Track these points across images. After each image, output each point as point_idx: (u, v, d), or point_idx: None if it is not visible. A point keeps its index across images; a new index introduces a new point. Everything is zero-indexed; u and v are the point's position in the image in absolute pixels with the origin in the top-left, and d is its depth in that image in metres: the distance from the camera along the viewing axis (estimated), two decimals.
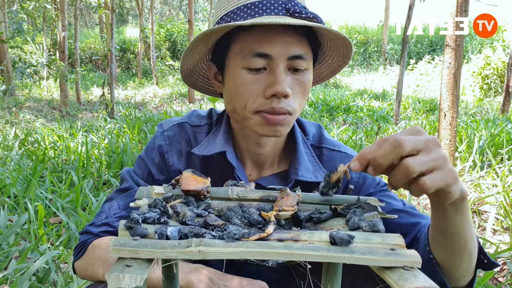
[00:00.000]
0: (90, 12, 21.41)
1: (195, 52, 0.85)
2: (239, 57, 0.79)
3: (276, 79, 0.76)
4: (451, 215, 0.64)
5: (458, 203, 0.62)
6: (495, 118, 5.82)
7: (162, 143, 0.93)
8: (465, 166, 3.35)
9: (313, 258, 0.48)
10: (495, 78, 9.85)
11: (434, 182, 0.54)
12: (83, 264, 0.88)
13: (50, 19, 11.63)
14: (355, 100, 8.47)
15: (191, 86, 0.98)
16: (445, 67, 3.36)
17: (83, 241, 0.88)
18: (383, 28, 16.19)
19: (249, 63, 0.77)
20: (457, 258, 0.71)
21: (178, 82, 12.78)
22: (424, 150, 0.54)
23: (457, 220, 0.65)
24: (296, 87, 0.80)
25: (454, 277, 0.74)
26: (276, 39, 0.76)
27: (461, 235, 0.67)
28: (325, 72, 0.96)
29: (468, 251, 0.70)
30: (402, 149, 0.54)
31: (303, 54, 0.79)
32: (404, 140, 0.54)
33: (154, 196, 0.65)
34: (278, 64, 0.77)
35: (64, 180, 2.86)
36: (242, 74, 0.79)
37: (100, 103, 8.27)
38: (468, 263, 0.72)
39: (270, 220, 0.59)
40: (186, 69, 0.91)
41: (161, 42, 16.59)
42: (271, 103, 0.77)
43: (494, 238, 2.28)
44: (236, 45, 0.80)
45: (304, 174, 0.88)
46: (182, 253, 0.47)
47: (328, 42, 0.86)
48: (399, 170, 0.54)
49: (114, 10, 6.73)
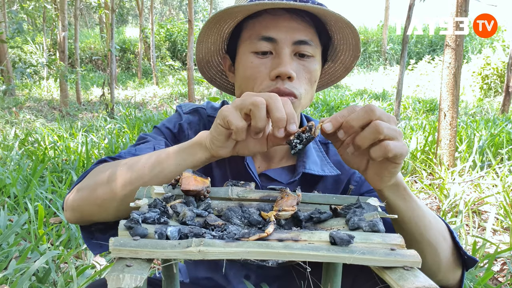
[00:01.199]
0: (90, 12, 21.42)
1: (209, 41, 0.89)
2: (247, 42, 0.83)
3: (280, 60, 0.80)
4: (393, 201, 0.69)
5: (396, 187, 0.68)
6: (495, 118, 5.82)
7: (182, 122, 0.95)
8: (465, 166, 3.35)
9: (313, 258, 0.48)
10: (495, 78, 9.84)
11: (395, 147, 0.60)
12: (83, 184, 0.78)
13: (50, 19, 11.63)
14: (355, 100, 8.47)
15: (209, 81, 1.02)
16: (445, 67, 3.36)
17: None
18: (383, 28, 16.17)
19: (256, 46, 0.82)
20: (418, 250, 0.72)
21: (178, 82, 12.79)
22: (389, 121, 0.61)
23: (401, 206, 0.69)
24: (301, 72, 0.83)
25: (426, 272, 0.75)
26: (282, 24, 0.81)
27: (411, 224, 0.70)
28: (339, 70, 0.98)
29: (428, 242, 0.72)
30: (374, 114, 0.60)
31: (308, 40, 0.82)
32: (375, 107, 0.61)
33: (154, 196, 0.65)
34: (283, 47, 0.81)
35: (64, 180, 2.86)
36: (249, 58, 0.83)
37: (100, 103, 8.27)
38: (433, 256, 0.73)
39: (270, 220, 0.59)
40: (201, 59, 0.94)
41: (161, 42, 16.59)
42: (276, 84, 0.80)
43: (494, 238, 2.28)
44: (246, 32, 0.85)
45: (312, 167, 0.89)
46: (182, 253, 0.47)
47: (338, 34, 0.88)
48: (369, 129, 0.60)
49: (114, 10, 6.74)
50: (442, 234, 0.75)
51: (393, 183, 0.67)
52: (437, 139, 3.53)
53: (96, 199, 0.75)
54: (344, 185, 0.94)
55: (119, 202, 0.73)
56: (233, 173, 0.90)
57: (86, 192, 0.77)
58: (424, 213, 0.72)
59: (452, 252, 0.77)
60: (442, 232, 0.75)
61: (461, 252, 0.78)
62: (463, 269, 0.80)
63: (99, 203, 0.75)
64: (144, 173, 0.72)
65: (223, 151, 0.70)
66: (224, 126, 0.66)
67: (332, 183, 0.93)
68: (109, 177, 0.74)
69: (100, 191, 0.74)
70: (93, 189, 0.76)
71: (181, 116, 0.96)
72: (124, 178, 0.72)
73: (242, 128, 0.64)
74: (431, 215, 0.74)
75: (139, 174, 0.72)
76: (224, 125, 0.66)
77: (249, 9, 0.80)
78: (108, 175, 0.75)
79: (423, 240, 0.72)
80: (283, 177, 0.90)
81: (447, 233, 0.77)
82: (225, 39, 0.91)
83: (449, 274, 0.78)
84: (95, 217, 0.78)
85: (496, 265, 1.96)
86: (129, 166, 0.74)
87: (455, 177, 3.19)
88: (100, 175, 0.76)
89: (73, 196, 0.79)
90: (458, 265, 0.79)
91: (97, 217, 0.78)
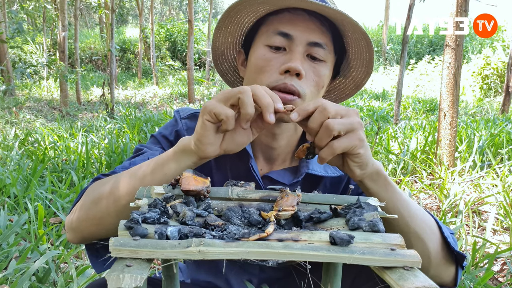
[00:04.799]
0: (90, 12, 21.41)
1: (227, 31, 0.90)
2: (263, 36, 0.85)
3: (292, 57, 0.81)
4: (374, 191, 0.72)
5: (374, 177, 0.70)
6: (495, 118, 5.82)
7: (180, 127, 0.95)
8: (465, 166, 3.35)
9: (313, 258, 0.48)
10: (495, 78, 9.84)
11: (341, 144, 0.64)
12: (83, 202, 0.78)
13: (50, 19, 11.63)
14: (355, 100, 8.47)
15: (221, 75, 1.02)
16: (445, 67, 3.36)
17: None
18: (383, 28, 16.17)
19: (271, 40, 0.83)
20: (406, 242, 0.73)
21: (178, 82, 12.78)
22: (345, 116, 0.65)
23: (382, 196, 0.71)
24: (310, 73, 0.83)
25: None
26: (300, 23, 0.82)
27: (395, 213, 0.71)
28: (349, 87, 0.98)
29: (415, 234, 0.74)
30: (327, 113, 0.63)
31: (323, 43, 0.83)
32: (327, 105, 0.64)
33: (154, 196, 0.65)
34: (297, 45, 0.82)
35: (64, 180, 2.86)
36: (262, 51, 0.84)
37: (100, 103, 8.27)
38: (422, 249, 0.74)
39: (270, 220, 0.59)
40: (217, 48, 0.94)
41: (161, 42, 16.58)
42: (284, 79, 0.81)
43: (494, 238, 2.28)
44: (264, 27, 0.86)
45: (315, 168, 0.90)
46: (182, 253, 0.47)
47: (353, 47, 0.89)
48: (322, 130, 0.64)
49: (114, 10, 6.73)
50: (429, 226, 0.76)
51: (371, 173, 0.70)
52: (437, 139, 3.53)
53: (95, 216, 0.75)
54: (343, 185, 0.94)
55: (120, 212, 0.73)
56: (234, 178, 0.90)
57: (84, 211, 0.77)
58: (408, 203, 0.74)
59: (441, 246, 0.78)
60: (428, 224, 0.77)
61: (451, 247, 0.78)
62: (457, 266, 0.80)
63: (99, 217, 0.75)
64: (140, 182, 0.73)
65: (211, 149, 0.69)
66: (212, 120, 0.66)
67: (332, 183, 0.93)
68: (111, 188, 0.75)
69: (102, 204, 0.74)
70: (95, 203, 0.75)
71: (177, 123, 0.96)
72: (128, 186, 0.73)
73: (232, 116, 0.65)
74: (415, 206, 0.76)
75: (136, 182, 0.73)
76: (211, 118, 0.66)
77: (274, 3, 0.81)
78: (109, 187, 0.75)
79: (410, 230, 0.74)
80: (286, 178, 0.90)
81: (435, 227, 0.78)
82: (243, 33, 0.92)
83: (440, 270, 0.79)
84: (96, 235, 0.78)
85: (496, 265, 1.96)
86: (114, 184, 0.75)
87: (455, 177, 3.19)
88: (101, 188, 0.76)
89: (73, 216, 0.79)
90: (450, 262, 0.80)
91: (97, 235, 0.78)
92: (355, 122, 0.65)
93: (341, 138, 0.64)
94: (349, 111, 0.65)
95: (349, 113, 0.65)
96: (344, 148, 0.64)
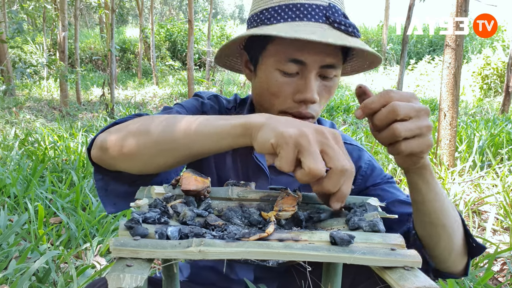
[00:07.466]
0: (90, 12, 21.41)
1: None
2: (274, 59, 0.81)
3: (307, 86, 0.79)
4: (416, 182, 0.70)
5: (421, 170, 0.69)
6: (495, 118, 5.82)
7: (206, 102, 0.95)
8: (465, 166, 3.35)
9: (313, 258, 0.48)
10: (495, 78, 9.85)
11: (408, 147, 0.61)
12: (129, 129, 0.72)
13: (50, 19, 11.63)
14: (355, 100, 8.47)
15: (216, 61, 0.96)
16: (445, 67, 3.36)
17: None
18: (383, 28, 16.16)
19: (284, 67, 0.80)
20: (433, 233, 0.74)
21: (178, 82, 12.78)
22: (414, 117, 0.61)
23: (423, 189, 0.70)
24: (323, 93, 0.82)
25: (438, 256, 0.78)
26: (313, 49, 0.78)
27: (429, 206, 0.72)
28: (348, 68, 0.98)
29: (443, 227, 0.74)
30: (396, 114, 0.60)
31: (336, 64, 0.81)
32: (392, 91, 0.62)
33: (154, 196, 0.65)
34: (311, 71, 0.79)
35: (64, 180, 2.86)
36: (275, 75, 0.81)
37: (100, 103, 8.28)
38: (447, 241, 0.75)
39: (271, 220, 0.59)
40: (219, 55, 0.92)
41: (161, 42, 16.58)
42: (299, 107, 0.81)
43: (494, 238, 2.28)
44: (273, 46, 0.81)
45: None
46: (183, 253, 0.47)
47: (360, 57, 0.89)
48: (387, 132, 0.61)
49: (114, 10, 6.74)
50: (457, 221, 0.76)
51: (420, 167, 0.68)
52: (437, 139, 3.53)
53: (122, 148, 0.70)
54: None
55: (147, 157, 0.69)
56: (242, 161, 0.92)
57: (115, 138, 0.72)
58: (444, 199, 0.74)
59: (463, 239, 0.79)
60: (456, 219, 0.77)
61: (471, 240, 0.79)
62: (468, 257, 0.81)
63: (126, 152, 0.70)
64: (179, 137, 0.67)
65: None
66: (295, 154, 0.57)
67: None
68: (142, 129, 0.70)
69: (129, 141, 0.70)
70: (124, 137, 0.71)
71: (200, 100, 0.95)
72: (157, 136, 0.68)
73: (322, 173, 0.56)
74: (449, 202, 0.76)
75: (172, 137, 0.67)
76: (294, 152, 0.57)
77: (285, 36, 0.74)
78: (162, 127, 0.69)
79: (439, 224, 0.73)
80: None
81: (460, 221, 0.78)
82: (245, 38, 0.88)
83: (457, 261, 0.80)
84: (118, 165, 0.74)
85: (496, 265, 1.96)
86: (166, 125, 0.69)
87: (455, 177, 3.19)
88: (151, 125, 0.70)
89: (104, 136, 0.74)
90: (466, 253, 0.81)
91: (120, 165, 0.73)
92: (424, 126, 0.61)
93: (409, 141, 0.61)
94: (420, 112, 0.61)
95: (420, 114, 0.61)
96: (411, 152, 0.62)
